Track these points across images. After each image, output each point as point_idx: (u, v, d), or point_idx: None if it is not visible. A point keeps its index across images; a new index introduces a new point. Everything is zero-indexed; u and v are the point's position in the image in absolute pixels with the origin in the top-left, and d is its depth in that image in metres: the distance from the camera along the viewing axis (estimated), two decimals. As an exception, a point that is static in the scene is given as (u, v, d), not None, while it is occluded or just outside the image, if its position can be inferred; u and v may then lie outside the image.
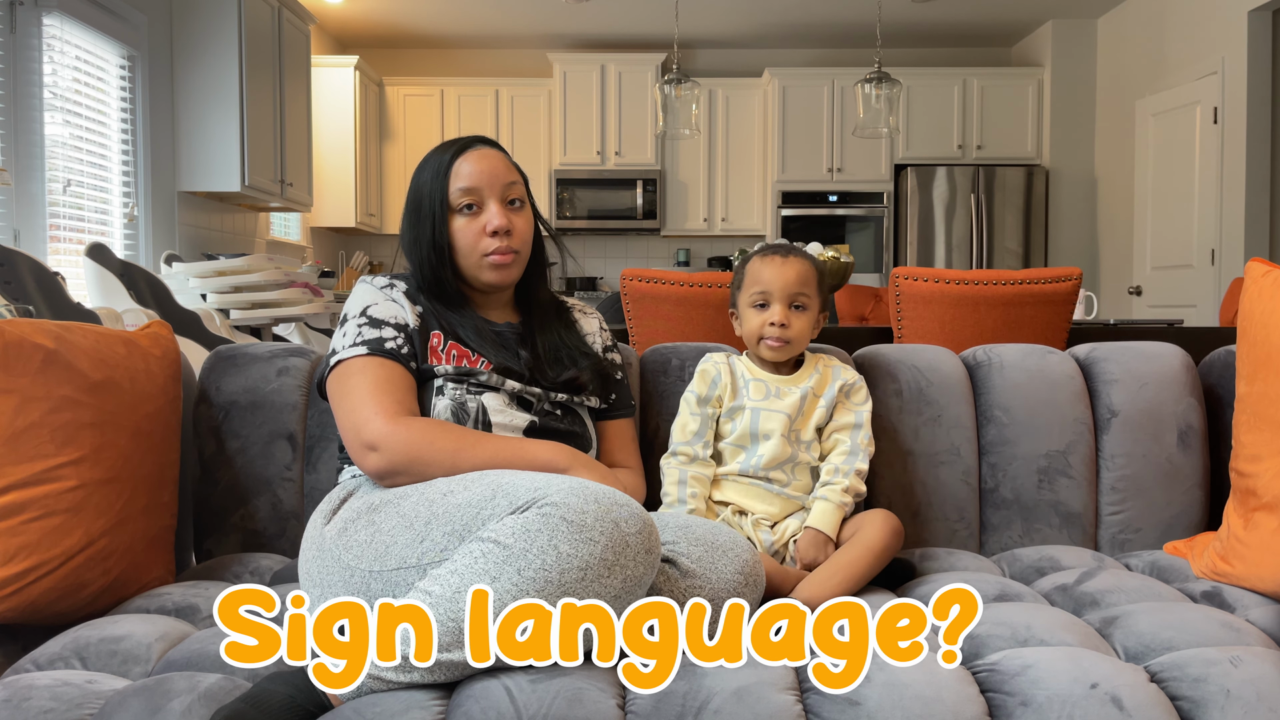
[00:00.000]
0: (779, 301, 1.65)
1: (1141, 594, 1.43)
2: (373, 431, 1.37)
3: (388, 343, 1.46)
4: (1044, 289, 2.79)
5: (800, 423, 1.65)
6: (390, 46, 7.62)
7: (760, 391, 1.66)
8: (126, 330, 1.60)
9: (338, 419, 1.43)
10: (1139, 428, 1.78)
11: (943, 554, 1.69)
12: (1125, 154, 6.45)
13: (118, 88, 4.34)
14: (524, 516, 1.12)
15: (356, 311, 1.50)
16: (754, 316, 1.67)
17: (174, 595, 1.44)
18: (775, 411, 1.64)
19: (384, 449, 1.36)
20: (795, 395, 1.65)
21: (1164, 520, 1.77)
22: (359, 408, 1.39)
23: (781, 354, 1.67)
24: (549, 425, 1.50)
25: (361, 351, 1.44)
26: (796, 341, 1.67)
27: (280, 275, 4.23)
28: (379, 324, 1.48)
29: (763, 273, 1.67)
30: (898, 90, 4.69)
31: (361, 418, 1.38)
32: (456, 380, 1.46)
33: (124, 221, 4.38)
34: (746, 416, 1.64)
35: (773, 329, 1.65)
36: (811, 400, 1.66)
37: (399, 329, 1.48)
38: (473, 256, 1.53)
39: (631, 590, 1.13)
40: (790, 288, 1.65)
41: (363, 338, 1.46)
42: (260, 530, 1.74)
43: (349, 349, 1.45)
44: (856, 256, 7.08)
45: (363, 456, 1.38)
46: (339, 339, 1.49)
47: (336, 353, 1.47)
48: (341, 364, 1.45)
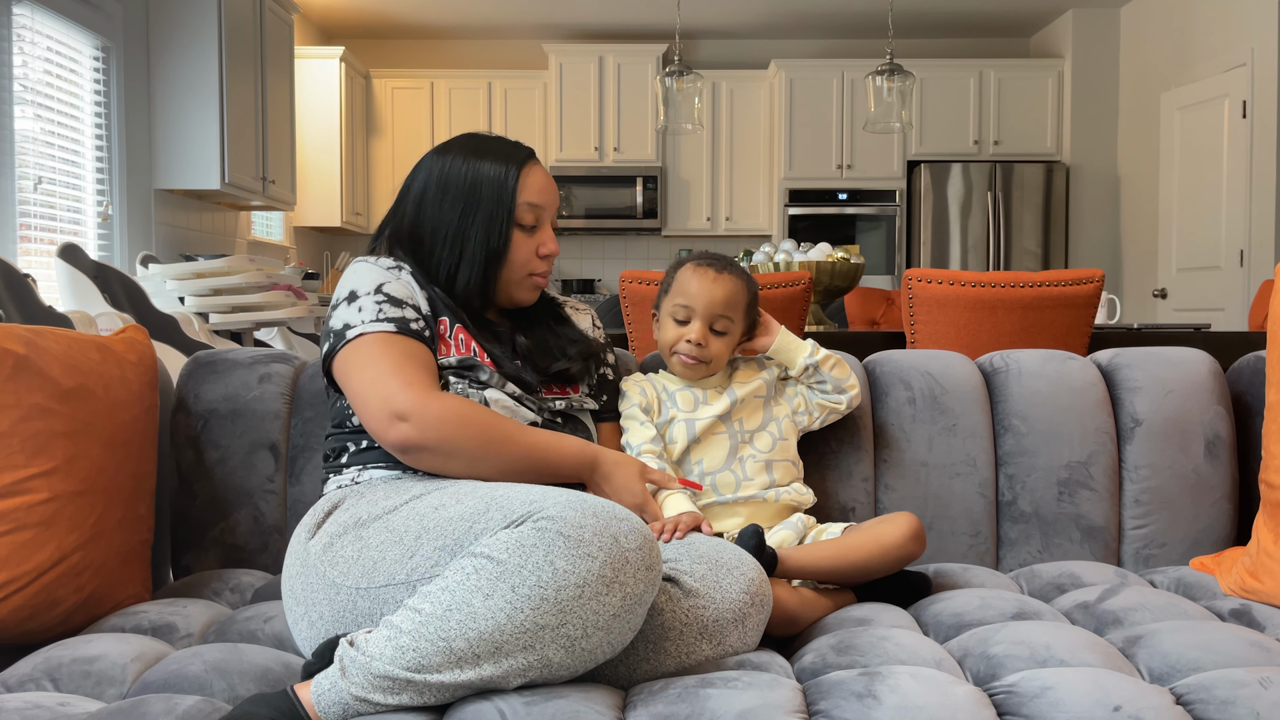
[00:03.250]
0: (700, 319, 1.68)
1: (1167, 612, 1.43)
2: (405, 401, 1.36)
3: (413, 324, 1.46)
4: (1064, 292, 2.80)
5: (741, 411, 1.68)
6: (377, 37, 7.64)
7: (688, 402, 1.69)
8: (100, 335, 1.60)
9: (356, 391, 1.41)
10: (1164, 438, 1.78)
11: (958, 570, 1.69)
12: (1149, 150, 6.46)
13: (91, 80, 4.35)
14: (519, 531, 1.12)
15: (369, 288, 1.49)
16: (672, 328, 1.70)
17: (150, 613, 1.44)
18: (706, 418, 1.67)
19: (416, 419, 1.36)
20: (724, 400, 1.69)
21: (1190, 535, 1.77)
22: (387, 378, 1.39)
23: (694, 373, 1.70)
24: (551, 428, 1.53)
25: (388, 328, 1.44)
26: (712, 364, 1.70)
27: (262, 277, 4.23)
28: (399, 303, 1.48)
29: (690, 285, 1.69)
30: (911, 83, 4.70)
31: (391, 388, 1.38)
32: (459, 374, 1.47)
33: (98, 221, 4.39)
34: (681, 428, 1.66)
35: (688, 345, 1.68)
36: (748, 398, 1.70)
37: (417, 311, 1.49)
38: (520, 273, 1.57)
39: (631, 609, 1.13)
40: (714, 308, 1.67)
41: (385, 315, 1.45)
42: (241, 545, 1.74)
43: (371, 323, 1.44)
44: (867, 257, 7.09)
45: (388, 427, 1.37)
46: (351, 314, 1.46)
47: (353, 327, 1.45)
48: (362, 338, 1.43)
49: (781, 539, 1.58)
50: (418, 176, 1.59)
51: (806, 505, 1.69)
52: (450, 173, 1.55)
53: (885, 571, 1.52)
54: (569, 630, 1.09)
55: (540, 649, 1.09)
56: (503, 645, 1.08)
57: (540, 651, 1.09)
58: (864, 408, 1.83)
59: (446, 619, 1.08)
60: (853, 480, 1.80)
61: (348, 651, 1.11)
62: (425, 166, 1.58)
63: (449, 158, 1.57)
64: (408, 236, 1.57)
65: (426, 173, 1.57)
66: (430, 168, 1.57)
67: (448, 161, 1.56)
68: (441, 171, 1.56)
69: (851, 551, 1.50)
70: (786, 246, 3.76)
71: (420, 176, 1.58)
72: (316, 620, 1.29)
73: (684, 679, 1.17)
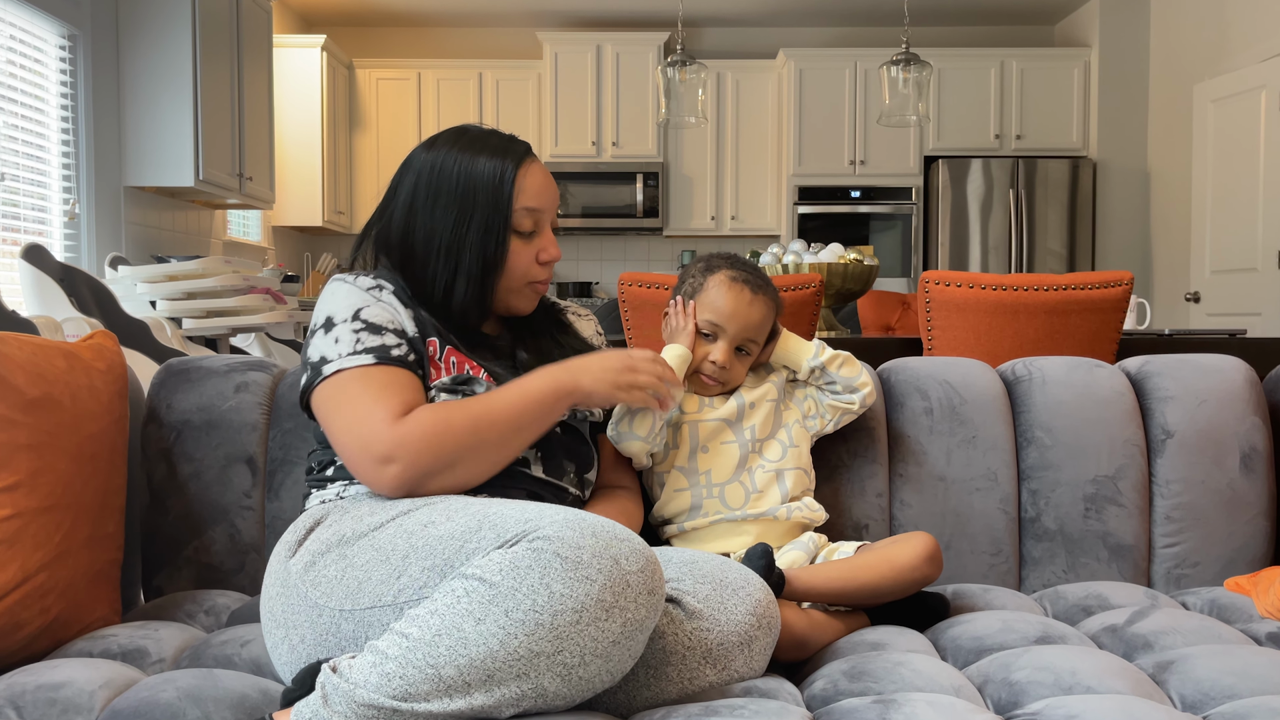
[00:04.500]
0: (728, 340, 1.70)
1: (1200, 636, 1.43)
2: (384, 441, 1.35)
3: (393, 350, 1.44)
4: (1091, 295, 2.80)
5: (750, 417, 1.70)
6: (361, 25, 7.66)
7: (693, 403, 1.72)
8: (67, 341, 1.61)
9: (335, 438, 1.40)
10: (1197, 450, 1.78)
11: (978, 591, 1.69)
12: (1181, 145, 6.47)
13: (57, 70, 4.36)
14: (513, 551, 1.12)
15: (346, 314, 1.47)
16: (697, 343, 1.72)
17: (120, 637, 1.45)
18: (712, 420, 1.69)
19: (401, 454, 1.34)
20: (731, 403, 1.71)
21: (1225, 553, 1.77)
22: (364, 419, 1.37)
23: (709, 391, 1.73)
24: (550, 439, 1.52)
25: (365, 361, 1.41)
26: (729, 385, 1.73)
27: (238, 280, 4.24)
28: (379, 330, 1.45)
29: (722, 301, 1.71)
30: (928, 73, 4.71)
31: (369, 429, 1.36)
32: (451, 390, 1.46)
33: (64, 220, 4.40)
34: (686, 430, 1.69)
35: (711, 367, 1.70)
36: (758, 402, 1.72)
37: (400, 335, 1.47)
38: (519, 281, 1.56)
39: (632, 635, 1.13)
40: (746, 331, 1.71)
41: (364, 344, 1.43)
42: (216, 565, 1.74)
43: (348, 357, 1.42)
44: (881, 259, 7.10)
45: (378, 474, 1.36)
46: (328, 345, 1.45)
47: (329, 360, 1.43)
48: (338, 375, 1.42)
49: (791, 560, 1.59)
50: (405, 177, 1.56)
51: (818, 523, 1.69)
52: (441, 175, 1.53)
53: (899, 594, 1.53)
54: (565, 658, 1.09)
55: (535, 677, 1.09)
56: (495, 673, 1.08)
57: (535, 680, 1.09)
58: (878, 418, 1.83)
59: (435, 644, 1.08)
60: (866, 495, 1.81)
61: (330, 678, 1.11)
62: (414, 167, 1.55)
63: (439, 155, 1.54)
64: (397, 246, 1.55)
65: (415, 174, 1.54)
66: (419, 168, 1.54)
67: (438, 161, 1.53)
68: (432, 173, 1.53)
69: (863, 573, 1.50)
70: (796, 247, 3.77)
71: (409, 178, 1.55)
72: (297, 644, 1.29)
73: (687, 707, 1.17)
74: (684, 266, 1.84)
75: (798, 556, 1.59)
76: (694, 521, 1.65)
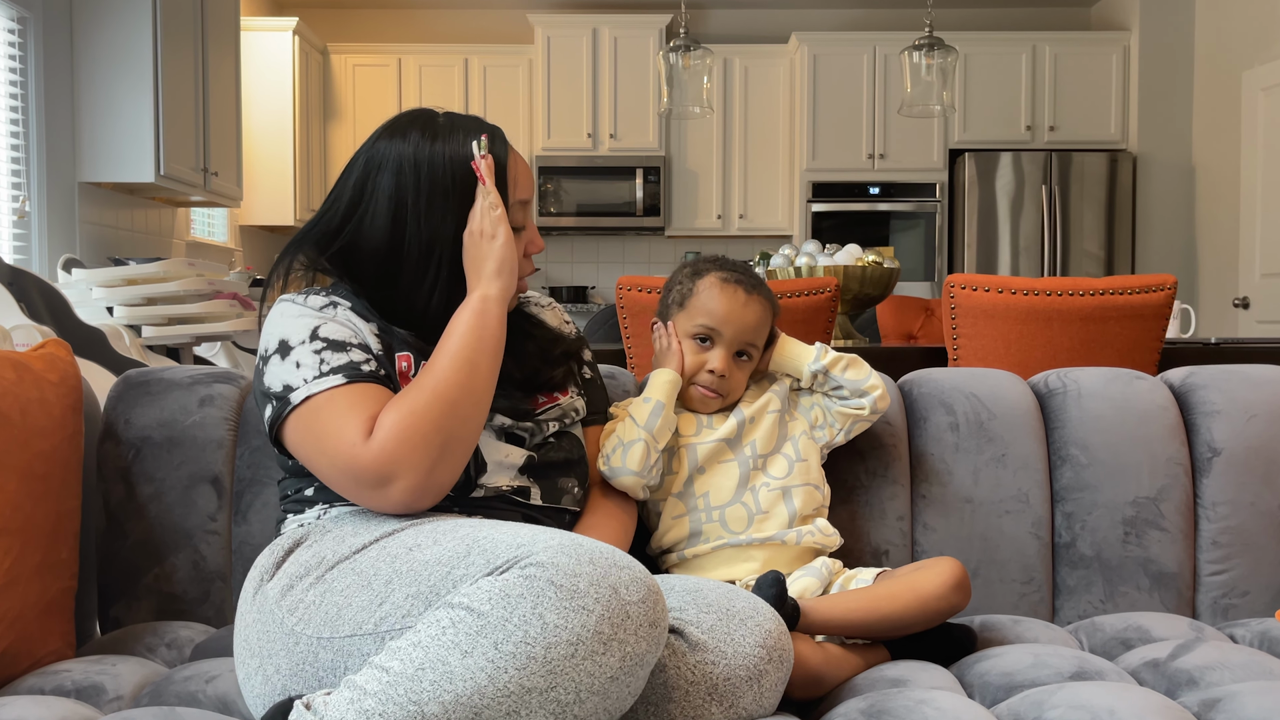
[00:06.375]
0: (725, 346, 1.71)
1: (1249, 671, 1.44)
2: (371, 464, 1.34)
3: (363, 366, 1.42)
4: (1131, 301, 2.81)
5: (751, 432, 1.70)
6: (336, 6, 7.68)
7: (690, 425, 1.72)
8: (16, 351, 1.61)
9: (321, 471, 1.39)
10: (1246, 470, 1.79)
11: (1008, 623, 1.70)
12: (1229, 136, 6.49)
13: (5, 57, 4.37)
14: (503, 579, 1.12)
15: (303, 335, 1.44)
16: (692, 352, 1.72)
17: (74, 672, 1.45)
18: (710, 442, 1.69)
19: (395, 469, 1.34)
20: (731, 421, 1.71)
21: (1276, 582, 1.78)
22: (347, 447, 1.35)
23: (709, 406, 1.73)
24: (548, 459, 1.54)
25: (336, 382, 1.39)
26: (729, 396, 1.73)
27: (203, 284, 4.24)
28: (342, 346, 1.43)
29: (717, 304, 1.71)
30: (953, 59, 4.72)
31: (353, 458, 1.34)
32: None
33: (13, 219, 4.41)
34: (683, 455, 1.69)
35: (709, 377, 1.71)
36: (758, 416, 1.72)
37: (365, 350, 1.45)
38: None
39: (631, 671, 1.13)
40: (744, 335, 1.71)
41: (330, 364, 1.41)
42: (179, 594, 1.74)
43: (315, 381, 1.39)
44: (903, 261, 7.11)
45: (384, 497, 1.35)
46: (288, 372, 1.41)
47: (294, 388, 1.40)
48: (308, 403, 1.39)
49: (803, 587, 1.58)
50: (376, 176, 1.49)
51: (832, 548, 1.69)
52: (431, 171, 1.48)
53: (923, 626, 1.52)
54: (559, 694, 1.09)
55: (526, 715, 1.09)
56: (483, 710, 1.08)
57: (526, 718, 1.09)
58: (899, 435, 1.84)
59: (419, 679, 1.09)
60: (886, 519, 1.81)
61: (304, 716, 1.11)
62: (385, 163, 1.49)
63: (418, 148, 1.48)
64: (377, 259, 1.49)
65: (394, 172, 1.48)
66: (396, 165, 1.48)
67: (421, 155, 1.48)
68: (417, 170, 1.47)
69: (886, 603, 1.50)
70: (809, 249, 3.78)
71: (384, 178, 1.48)
72: (272, 674, 1.29)
73: (691, 748, 1.17)
74: (669, 277, 1.84)
75: (810, 583, 1.59)
76: (695, 549, 1.66)
